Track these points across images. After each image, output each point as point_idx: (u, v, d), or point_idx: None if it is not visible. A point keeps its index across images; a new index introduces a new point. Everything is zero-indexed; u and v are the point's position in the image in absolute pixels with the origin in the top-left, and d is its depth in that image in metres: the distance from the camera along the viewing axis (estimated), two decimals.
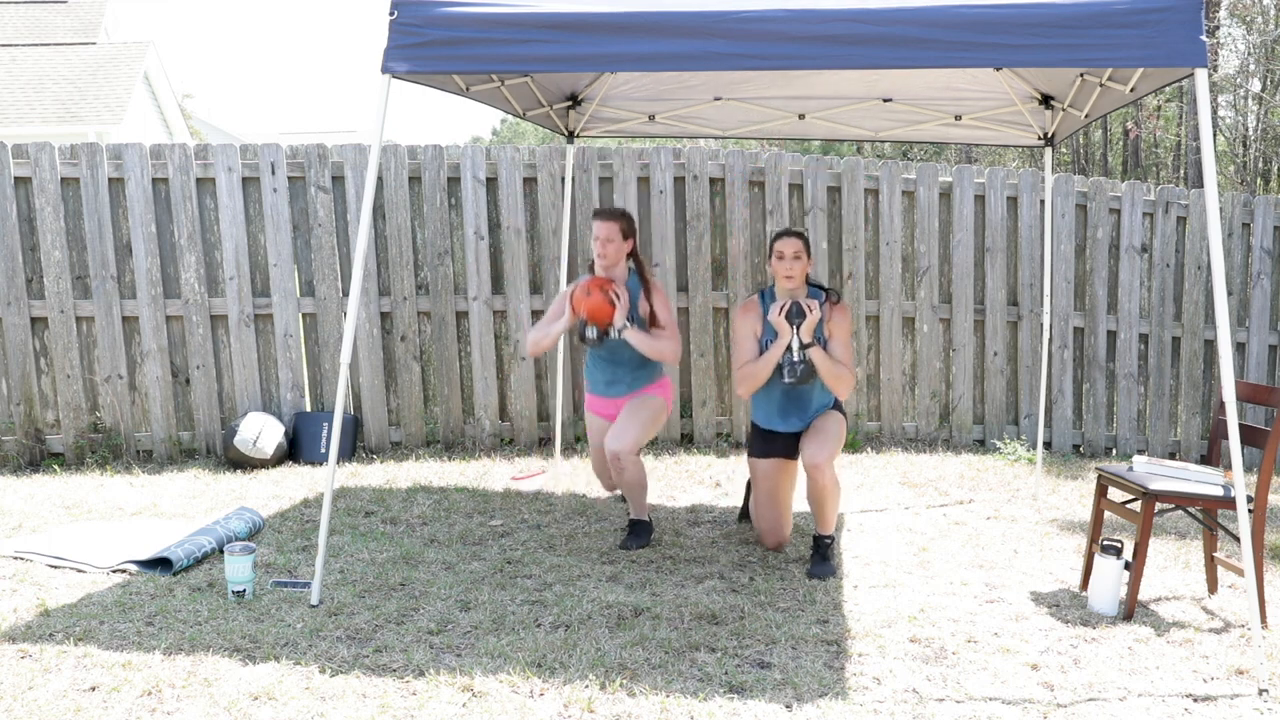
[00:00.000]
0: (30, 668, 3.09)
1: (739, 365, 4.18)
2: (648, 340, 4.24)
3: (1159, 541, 4.69)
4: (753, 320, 4.19)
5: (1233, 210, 6.49)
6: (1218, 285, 3.08)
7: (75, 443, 5.86)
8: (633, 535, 4.40)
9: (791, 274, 4.08)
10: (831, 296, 4.18)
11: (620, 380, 4.44)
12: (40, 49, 17.47)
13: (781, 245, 4.10)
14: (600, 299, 4.17)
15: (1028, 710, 2.94)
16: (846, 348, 4.12)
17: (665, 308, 4.37)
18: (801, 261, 4.09)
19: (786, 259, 4.08)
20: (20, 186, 5.76)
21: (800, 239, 4.11)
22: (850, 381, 4.07)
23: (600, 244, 4.31)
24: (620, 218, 4.34)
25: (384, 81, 3.40)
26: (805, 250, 4.11)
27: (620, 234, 4.32)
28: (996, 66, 3.40)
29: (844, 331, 4.13)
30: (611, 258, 4.32)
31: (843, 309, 4.15)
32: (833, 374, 4.04)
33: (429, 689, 2.98)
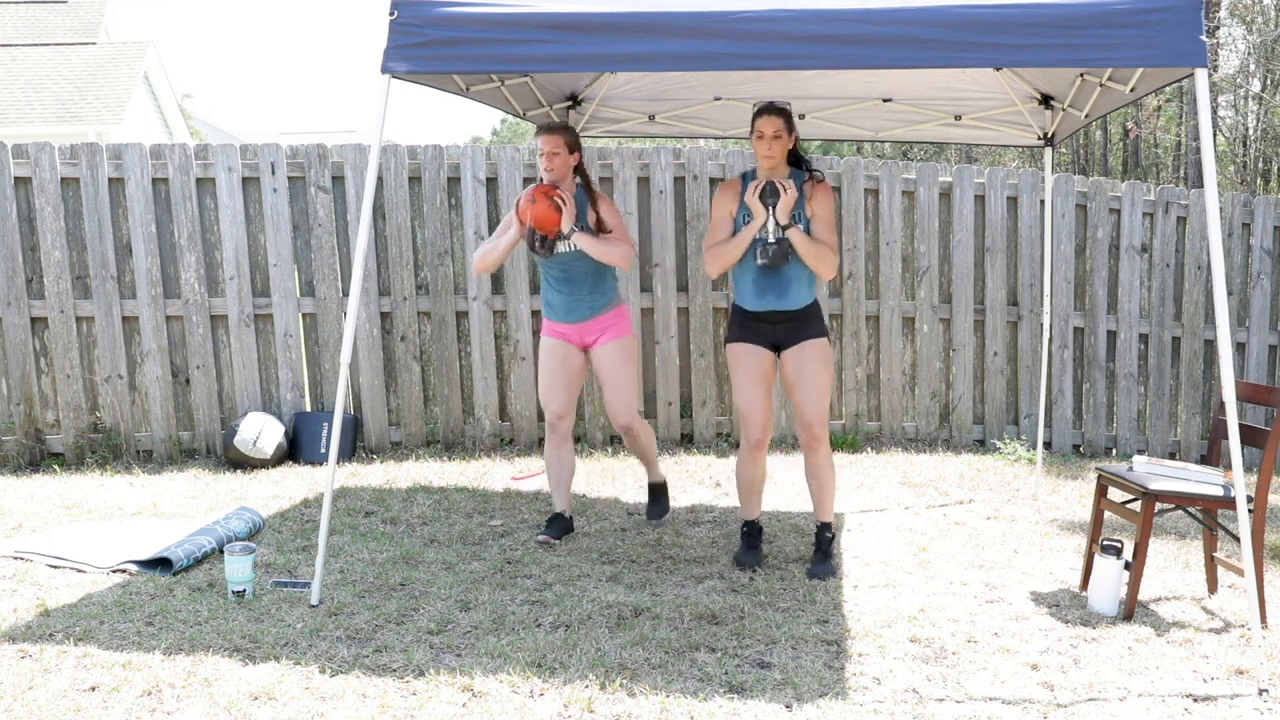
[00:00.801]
0: (30, 668, 3.09)
1: (710, 245, 4.05)
2: (598, 244, 4.19)
3: (1159, 541, 4.69)
4: (730, 200, 4.07)
5: (1233, 210, 6.49)
6: (1218, 285, 3.08)
7: (75, 443, 5.87)
8: (654, 503, 4.67)
9: (771, 154, 3.93)
10: (815, 175, 4.05)
11: (579, 303, 4.35)
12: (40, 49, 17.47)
13: (761, 124, 3.94)
14: (546, 205, 4.13)
15: (1028, 710, 2.94)
16: (829, 227, 3.98)
17: (613, 214, 4.32)
18: (782, 140, 3.93)
19: (766, 138, 3.93)
20: (20, 186, 5.76)
21: (782, 116, 3.94)
22: (832, 260, 3.93)
23: (546, 158, 4.26)
24: (564, 130, 4.31)
25: (384, 81, 3.40)
26: (786, 128, 3.94)
27: (565, 146, 4.28)
28: (996, 66, 3.40)
29: (826, 211, 3.98)
30: (558, 171, 4.27)
31: (824, 188, 4.01)
32: (813, 254, 3.91)
33: (429, 689, 2.98)
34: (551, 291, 4.39)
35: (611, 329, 4.41)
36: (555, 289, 4.37)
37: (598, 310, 4.38)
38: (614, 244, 4.22)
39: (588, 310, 4.37)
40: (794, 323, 4.05)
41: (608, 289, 4.40)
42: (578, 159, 4.34)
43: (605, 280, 4.38)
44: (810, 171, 4.07)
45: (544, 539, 4.38)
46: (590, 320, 4.39)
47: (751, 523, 4.23)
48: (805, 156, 4.15)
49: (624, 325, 4.44)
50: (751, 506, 4.21)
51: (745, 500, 4.21)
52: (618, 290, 4.47)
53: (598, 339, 4.40)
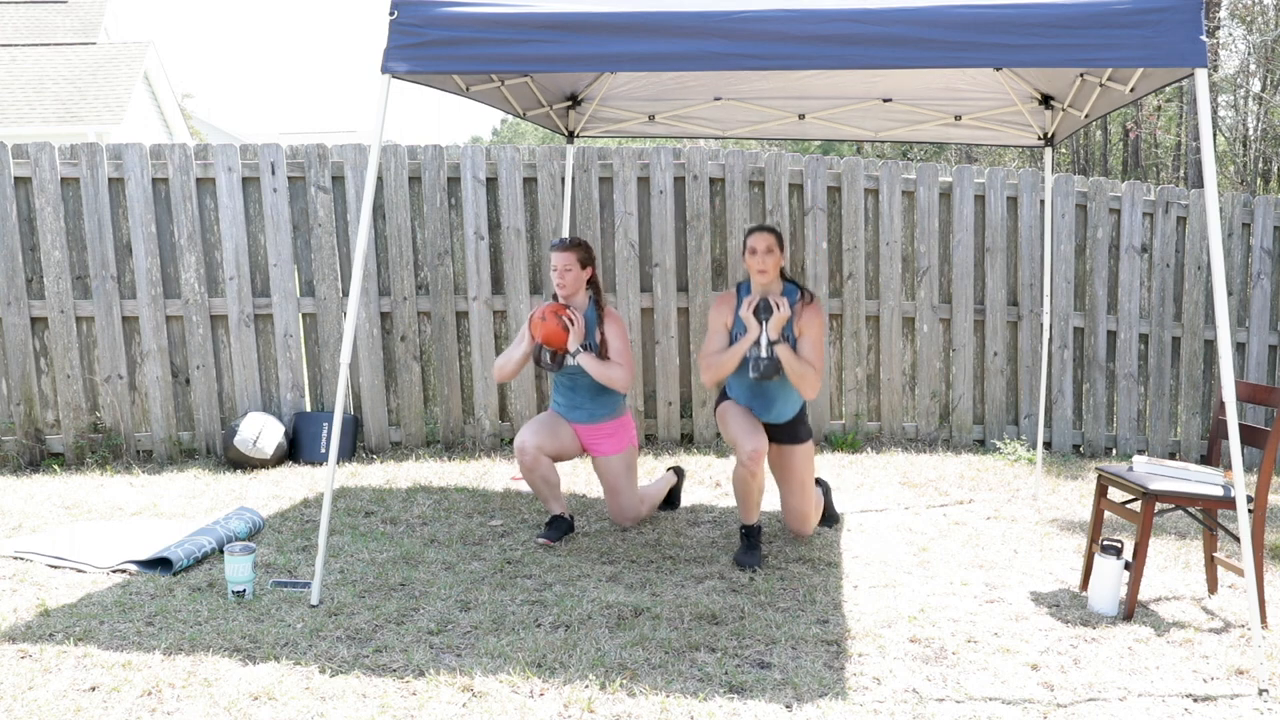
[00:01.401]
0: (30, 668, 3.09)
1: (706, 354, 4.21)
2: (599, 366, 4.34)
3: (1159, 541, 4.69)
4: (726, 312, 4.23)
5: (1233, 210, 6.49)
6: (1218, 285, 3.08)
7: (75, 443, 5.87)
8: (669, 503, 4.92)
9: (764, 269, 4.09)
10: (805, 296, 4.18)
11: (581, 406, 4.53)
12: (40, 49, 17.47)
13: (754, 240, 4.11)
14: (555, 324, 4.31)
15: (1028, 710, 2.94)
16: (816, 347, 4.11)
17: (618, 337, 4.44)
18: (774, 256, 4.09)
19: (759, 254, 4.09)
20: (20, 186, 5.76)
21: (772, 234, 4.11)
22: (815, 382, 4.06)
23: (558, 274, 4.40)
24: (577, 247, 4.43)
25: (384, 81, 3.40)
26: (778, 245, 4.12)
27: (578, 263, 4.42)
28: (996, 66, 3.40)
29: (815, 331, 4.11)
30: (570, 287, 4.41)
31: (815, 308, 4.15)
32: (798, 373, 4.04)
33: (429, 689, 2.98)
34: (558, 394, 4.60)
35: (612, 439, 4.54)
36: (560, 394, 4.58)
37: (598, 419, 4.53)
38: (613, 368, 4.36)
39: (587, 416, 4.53)
40: (780, 428, 4.31)
41: (610, 401, 4.54)
42: (590, 273, 4.48)
43: (608, 393, 4.53)
44: (803, 291, 4.21)
45: (544, 541, 4.38)
46: (590, 425, 4.54)
47: (751, 526, 4.24)
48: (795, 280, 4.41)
49: (626, 436, 4.57)
50: (751, 512, 4.23)
51: (744, 507, 4.24)
52: (622, 401, 4.59)
53: (599, 446, 4.55)
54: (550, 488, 4.47)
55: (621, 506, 4.58)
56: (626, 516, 4.61)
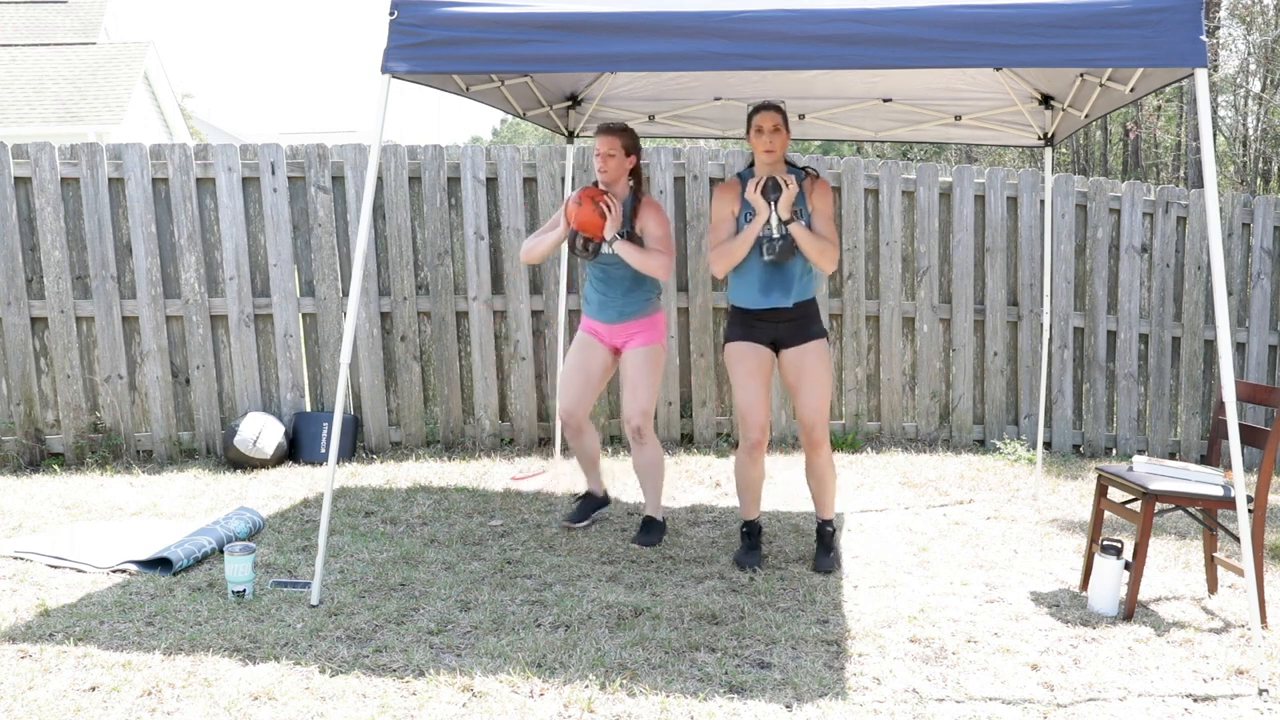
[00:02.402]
0: (30, 668, 3.09)
1: (715, 244, 4.09)
2: (637, 253, 4.22)
3: (1159, 541, 4.69)
4: (731, 199, 4.11)
5: (1233, 210, 6.49)
6: (1218, 285, 3.08)
7: (75, 443, 5.87)
8: (644, 532, 4.44)
9: (771, 148, 3.98)
10: (812, 172, 4.10)
11: (611, 304, 4.38)
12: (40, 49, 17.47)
13: (760, 119, 3.99)
14: (591, 210, 4.18)
15: (1028, 710, 2.94)
16: (829, 222, 4.03)
17: (658, 224, 4.31)
18: (781, 135, 3.99)
19: (765, 133, 3.97)
20: (20, 186, 5.76)
21: (779, 112, 4.00)
22: (834, 254, 3.98)
23: (601, 159, 4.27)
24: (623, 132, 4.31)
25: (384, 81, 3.40)
26: (784, 124, 4.01)
27: (622, 149, 4.29)
28: (996, 66, 3.40)
29: (826, 205, 4.04)
30: (612, 173, 4.28)
31: (823, 184, 4.07)
32: (816, 247, 3.95)
33: (429, 689, 2.98)
34: (590, 289, 4.45)
35: (641, 335, 4.41)
36: (593, 287, 4.43)
37: (628, 316, 4.40)
38: (653, 255, 4.24)
39: (616, 313, 4.39)
40: (795, 322, 4.08)
41: (643, 297, 4.41)
42: (634, 162, 4.36)
43: (642, 287, 4.40)
44: (806, 169, 4.12)
45: (566, 525, 4.37)
46: (619, 324, 4.41)
47: (751, 523, 4.24)
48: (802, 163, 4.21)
49: (654, 333, 4.43)
50: (751, 506, 4.22)
51: (744, 500, 4.22)
52: (654, 299, 4.46)
53: (627, 342, 4.43)
54: (590, 462, 4.46)
55: (635, 402, 4.35)
56: (636, 413, 4.35)
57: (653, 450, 4.43)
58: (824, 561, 4.12)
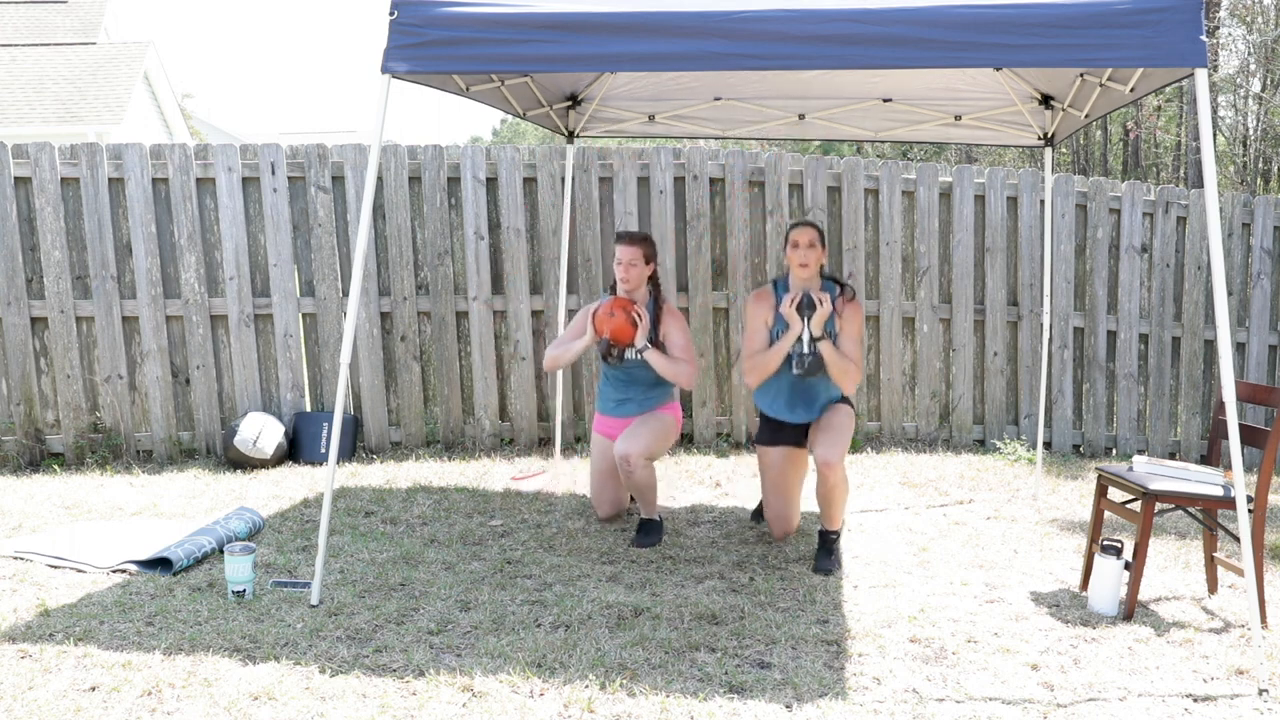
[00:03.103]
0: (30, 668, 3.09)
1: (749, 354, 4.22)
2: (666, 362, 4.36)
3: (1159, 541, 4.69)
4: (765, 309, 4.24)
5: (1233, 210, 6.49)
6: (1218, 285, 3.08)
7: (75, 443, 5.86)
8: (643, 534, 4.44)
9: (806, 263, 4.12)
10: (846, 292, 4.21)
11: (632, 400, 4.55)
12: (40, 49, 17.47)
13: (797, 235, 4.14)
14: (624, 319, 4.31)
15: (1028, 710, 2.94)
16: (856, 343, 4.14)
17: (681, 332, 4.47)
18: (816, 251, 4.12)
19: (801, 248, 4.12)
20: (20, 186, 5.76)
21: (815, 229, 4.15)
22: (856, 377, 4.11)
23: (624, 268, 4.42)
24: (644, 242, 4.46)
25: (384, 81, 3.40)
26: (820, 240, 4.15)
27: (644, 259, 4.45)
28: (996, 66, 3.40)
29: (854, 327, 4.16)
30: (634, 281, 4.43)
31: (855, 304, 4.19)
32: (840, 369, 4.08)
33: (429, 689, 2.98)
34: (608, 387, 4.59)
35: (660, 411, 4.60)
36: (613, 387, 4.57)
37: (647, 407, 4.57)
38: (680, 364, 4.38)
39: (637, 406, 4.55)
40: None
41: (662, 393, 4.58)
42: (652, 269, 4.49)
43: (661, 386, 4.56)
44: (842, 286, 4.24)
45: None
46: (637, 416, 4.58)
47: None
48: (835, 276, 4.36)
49: (672, 413, 4.61)
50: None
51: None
52: (672, 391, 4.63)
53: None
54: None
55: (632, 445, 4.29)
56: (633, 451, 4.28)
57: (642, 475, 4.36)
58: (824, 562, 4.13)
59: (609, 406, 4.62)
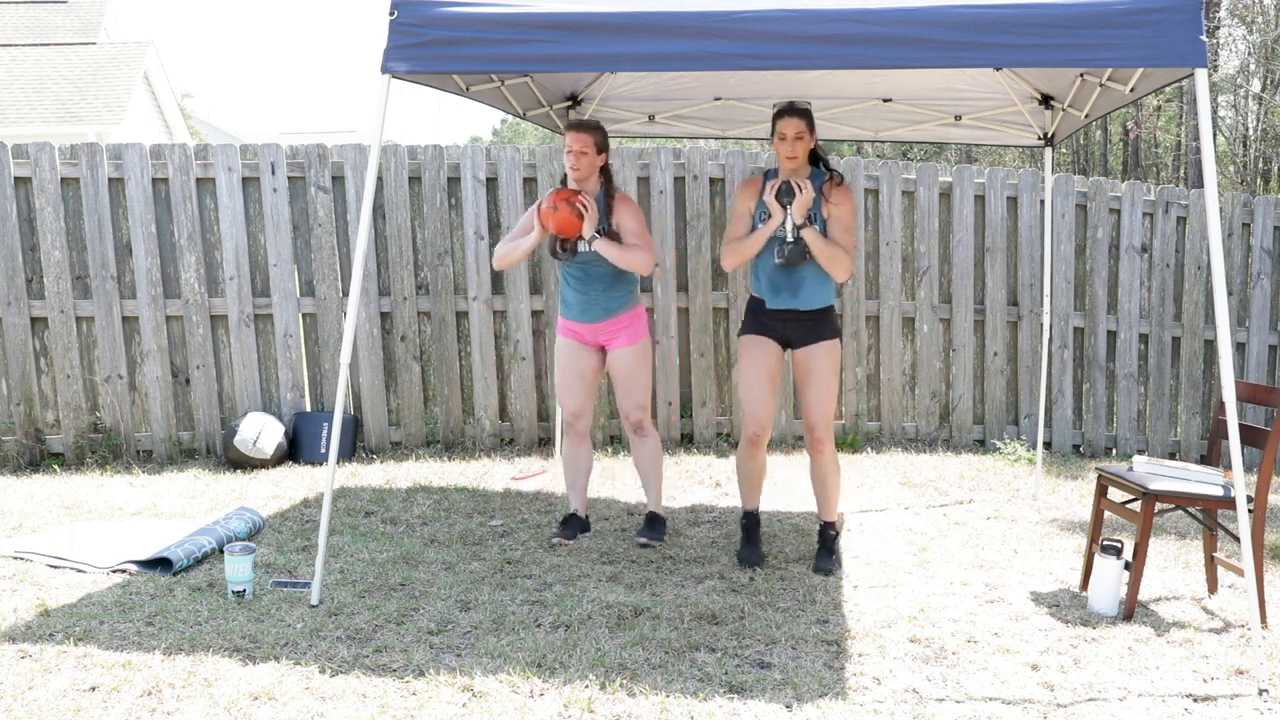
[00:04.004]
0: (30, 668, 3.09)
1: (728, 240, 4.10)
2: (619, 250, 4.18)
3: (1159, 541, 4.69)
4: (749, 197, 4.11)
5: (1233, 210, 6.49)
6: (1218, 285, 3.08)
7: (75, 443, 5.86)
8: (650, 528, 4.45)
9: (794, 154, 3.96)
10: (834, 177, 4.07)
11: (594, 303, 4.33)
12: (40, 49, 17.47)
13: (783, 125, 3.97)
14: (567, 211, 4.12)
15: (1028, 710, 2.94)
16: (846, 230, 4.00)
17: (633, 218, 4.27)
18: (804, 141, 3.96)
19: (788, 139, 3.96)
20: (20, 186, 5.76)
21: (804, 118, 3.98)
22: (847, 263, 3.96)
23: (574, 156, 4.22)
24: (594, 130, 4.26)
25: (384, 81, 3.40)
26: (808, 128, 3.98)
27: (594, 146, 4.24)
28: (996, 66, 3.40)
29: (844, 213, 4.00)
30: (585, 170, 4.24)
31: (844, 190, 4.03)
32: (827, 254, 3.93)
33: (429, 689, 2.98)
34: (568, 289, 4.38)
35: (626, 332, 4.37)
36: (572, 287, 4.36)
37: (612, 312, 4.35)
38: (634, 251, 4.20)
39: (602, 311, 4.34)
40: (806, 323, 4.09)
41: (624, 292, 4.36)
42: (604, 159, 4.32)
43: (622, 283, 4.35)
44: (830, 172, 4.09)
45: (558, 540, 4.38)
46: (604, 321, 4.36)
47: (750, 514, 4.23)
48: (825, 157, 4.18)
49: (639, 329, 4.40)
50: (751, 496, 4.22)
51: (744, 490, 4.23)
52: (635, 293, 4.42)
53: (612, 341, 4.38)
54: (582, 476, 4.48)
55: (635, 401, 4.38)
56: (634, 410, 4.38)
57: (654, 443, 4.47)
58: (825, 562, 4.12)
59: (572, 311, 4.40)
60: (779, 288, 4.05)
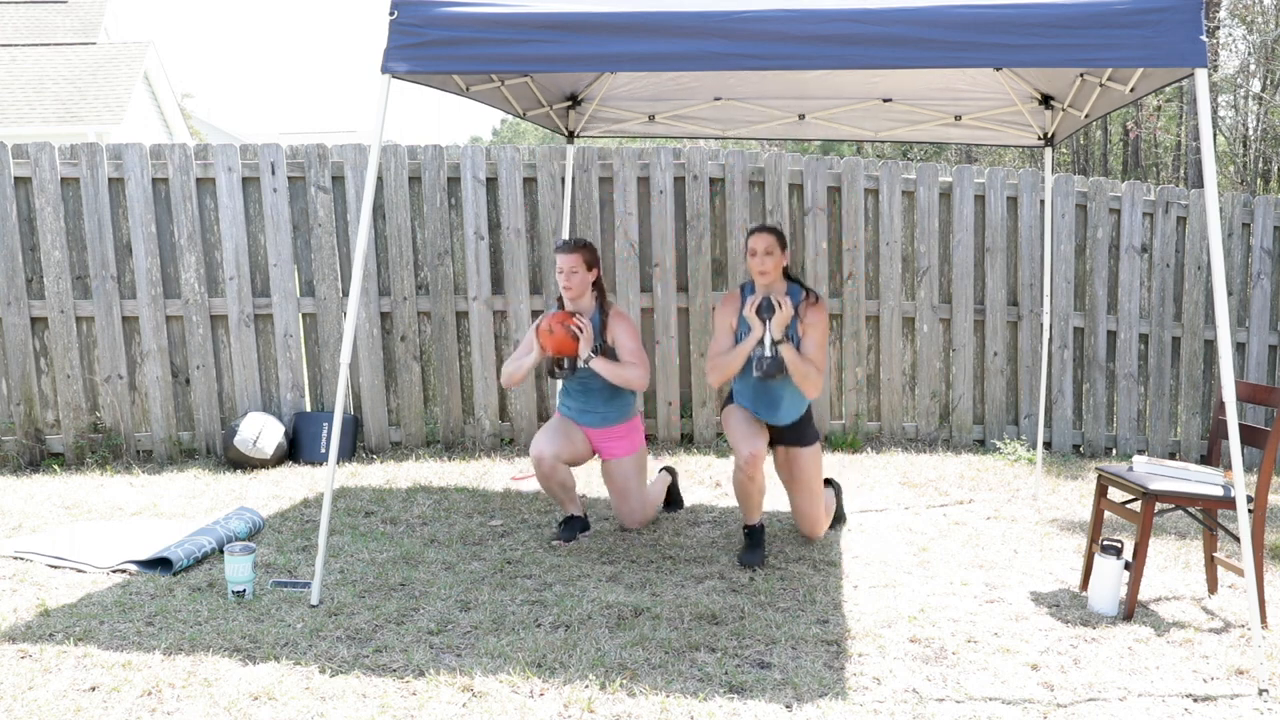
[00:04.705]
0: (30, 668, 3.09)
1: (712, 355, 4.21)
2: (614, 368, 4.29)
3: (1159, 541, 4.69)
4: (730, 312, 4.23)
5: (1233, 210, 6.49)
6: (1218, 285, 3.08)
7: (75, 443, 5.86)
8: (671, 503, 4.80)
9: (765, 270, 4.08)
10: (810, 296, 4.18)
11: (593, 410, 4.48)
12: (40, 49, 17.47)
13: (754, 242, 4.10)
14: (563, 334, 4.25)
15: (1028, 710, 2.94)
16: (819, 348, 4.11)
17: (629, 336, 4.37)
18: (774, 257, 4.08)
19: (759, 255, 4.08)
20: (20, 186, 5.76)
21: (773, 234, 4.10)
22: (818, 382, 4.06)
23: (564, 276, 4.32)
24: (583, 249, 4.35)
25: (384, 81, 3.40)
26: (779, 245, 4.10)
27: (584, 265, 4.34)
28: (996, 66, 3.40)
29: (818, 331, 4.12)
30: (576, 289, 4.35)
31: (819, 308, 4.15)
32: (801, 373, 4.03)
33: (429, 689, 2.98)
34: (568, 397, 4.53)
35: (624, 441, 4.49)
36: (572, 397, 4.51)
37: (610, 422, 4.48)
38: (628, 369, 4.30)
39: (599, 420, 4.48)
40: (785, 430, 4.29)
41: (622, 405, 4.49)
42: (595, 275, 4.41)
43: (621, 395, 4.48)
44: (806, 291, 4.20)
45: (558, 543, 4.38)
46: (601, 429, 4.49)
47: (753, 525, 4.25)
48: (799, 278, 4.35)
49: (636, 439, 4.53)
50: (753, 512, 4.24)
51: (745, 508, 4.26)
52: (633, 404, 4.55)
53: (609, 450, 4.50)
54: (567, 491, 4.47)
55: (631, 509, 4.55)
56: (635, 519, 4.57)
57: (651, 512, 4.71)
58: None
59: (571, 413, 4.54)
60: (759, 405, 4.24)
